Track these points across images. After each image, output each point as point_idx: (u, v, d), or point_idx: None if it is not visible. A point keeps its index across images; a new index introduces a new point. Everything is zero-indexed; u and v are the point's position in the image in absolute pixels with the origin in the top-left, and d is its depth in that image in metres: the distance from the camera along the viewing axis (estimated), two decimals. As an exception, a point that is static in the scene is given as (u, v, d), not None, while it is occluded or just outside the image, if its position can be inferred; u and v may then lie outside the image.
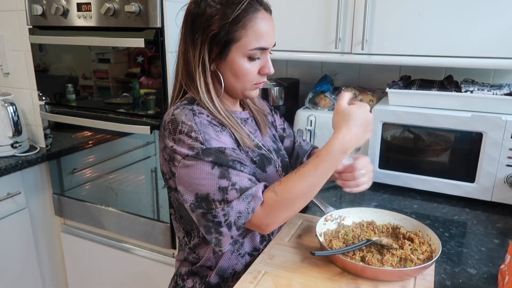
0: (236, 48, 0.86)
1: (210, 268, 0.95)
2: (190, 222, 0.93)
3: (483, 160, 1.27)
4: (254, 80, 0.91)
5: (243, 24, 0.85)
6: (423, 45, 1.30)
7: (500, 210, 1.27)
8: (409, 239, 0.95)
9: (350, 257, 0.89)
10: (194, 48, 0.88)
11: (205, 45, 0.86)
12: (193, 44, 0.88)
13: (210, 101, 0.89)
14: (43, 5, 1.60)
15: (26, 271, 1.88)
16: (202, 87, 0.88)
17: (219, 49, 0.86)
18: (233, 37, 0.85)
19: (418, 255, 0.89)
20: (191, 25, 0.88)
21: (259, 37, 0.86)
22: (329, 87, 1.65)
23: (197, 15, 0.87)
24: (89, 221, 1.85)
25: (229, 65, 0.88)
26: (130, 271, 1.82)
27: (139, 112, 1.56)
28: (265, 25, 0.87)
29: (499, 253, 1.02)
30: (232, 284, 0.90)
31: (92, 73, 1.64)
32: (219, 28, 0.84)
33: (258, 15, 0.86)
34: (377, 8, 1.33)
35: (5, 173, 1.71)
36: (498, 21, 1.19)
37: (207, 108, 0.89)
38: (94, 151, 1.77)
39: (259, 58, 0.89)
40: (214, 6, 0.85)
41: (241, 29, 0.85)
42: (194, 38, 0.87)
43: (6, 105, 1.76)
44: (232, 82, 0.90)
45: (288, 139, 1.18)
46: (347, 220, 1.05)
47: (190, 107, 0.87)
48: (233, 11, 0.84)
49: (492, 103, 1.27)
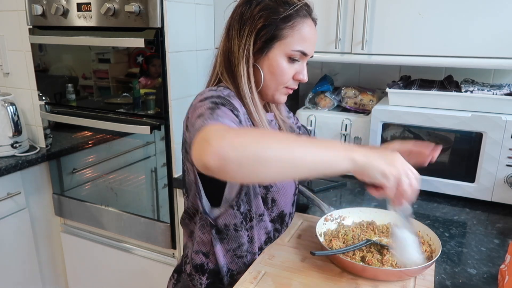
0: (279, 46, 0.89)
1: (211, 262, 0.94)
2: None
3: (483, 160, 1.27)
4: (287, 83, 0.93)
5: (292, 24, 0.88)
6: (423, 45, 1.30)
7: (500, 210, 1.27)
8: None
9: (350, 257, 0.89)
10: (240, 38, 0.89)
11: (251, 36, 0.88)
12: (240, 34, 0.89)
13: (249, 91, 0.90)
14: (43, 5, 1.60)
15: (26, 271, 1.88)
16: (244, 77, 0.90)
17: (262, 43, 0.89)
18: (280, 34, 0.88)
19: None
20: (241, 16, 0.90)
21: (303, 40, 0.89)
22: (329, 87, 1.65)
23: (249, 7, 0.89)
24: (89, 221, 1.84)
25: (268, 61, 0.90)
26: (130, 271, 1.82)
27: (139, 112, 1.56)
28: (311, 33, 0.91)
29: (499, 253, 1.02)
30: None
31: (92, 73, 1.64)
32: (268, 21, 0.87)
33: (307, 21, 0.90)
34: (377, 8, 1.33)
35: (5, 173, 1.71)
36: (498, 21, 1.19)
37: (244, 98, 0.90)
38: (94, 151, 1.77)
39: (298, 61, 0.92)
40: (266, 3, 0.88)
41: (289, 28, 0.88)
42: (241, 28, 0.89)
43: (6, 105, 1.76)
44: (268, 79, 0.92)
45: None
46: (347, 220, 1.05)
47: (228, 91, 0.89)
48: (285, 10, 0.87)
49: (492, 103, 1.27)
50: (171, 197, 1.60)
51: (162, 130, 1.52)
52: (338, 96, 1.62)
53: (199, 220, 0.95)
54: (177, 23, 1.46)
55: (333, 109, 1.61)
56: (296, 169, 0.66)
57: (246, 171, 0.62)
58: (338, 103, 1.62)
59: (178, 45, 1.49)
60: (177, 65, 1.49)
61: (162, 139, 1.54)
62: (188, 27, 1.53)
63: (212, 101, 0.80)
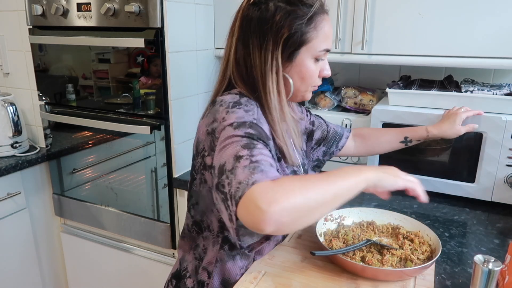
0: (306, 50, 0.86)
1: (210, 272, 0.90)
2: (204, 211, 0.89)
3: (483, 160, 1.27)
4: (315, 82, 0.92)
5: (315, 25, 0.85)
6: (423, 45, 1.30)
7: (500, 210, 1.27)
8: (409, 239, 0.95)
9: (350, 257, 0.89)
10: (264, 52, 0.84)
11: (278, 48, 0.84)
12: (261, 47, 0.84)
13: (278, 106, 0.86)
14: (43, 5, 1.60)
15: (26, 271, 1.88)
16: (274, 92, 0.85)
17: (290, 51, 0.85)
18: (306, 39, 0.85)
19: (418, 255, 0.89)
20: (259, 25, 0.84)
21: (326, 38, 0.88)
22: (329, 87, 1.65)
23: (264, 17, 0.84)
24: (89, 221, 1.84)
25: (297, 67, 0.87)
26: (130, 271, 1.82)
27: (139, 112, 1.56)
28: (330, 28, 0.89)
29: (499, 253, 1.02)
30: None
31: (92, 73, 1.64)
32: (294, 29, 0.83)
33: (325, 17, 0.87)
34: (377, 8, 1.33)
35: (5, 173, 1.70)
36: (498, 21, 1.19)
37: (270, 113, 0.85)
38: (94, 151, 1.77)
39: (323, 59, 0.90)
40: (283, 8, 0.83)
41: (313, 30, 0.85)
42: (262, 40, 0.84)
43: (6, 105, 1.76)
44: (298, 85, 0.90)
45: (319, 130, 1.17)
46: (347, 220, 1.05)
47: (253, 104, 0.84)
48: (304, 12, 0.84)
49: (492, 103, 1.27)
50: (171, 197, 1.60)
51: (162, 130, 1.52)
52: (338, 96, 1.62)
53: (212, 236, 0.90)
54: (177, 23, 1.46)
55: (333, 109, 1.61)
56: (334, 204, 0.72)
57: (299, 225, 0.69)
58: (338, 103, 1.62)
59: (178, 45, 1.48)
60: (177, 65, 1.49)
61: (162, 139, 1.54)
62: (188, 27, 1.53)
63: (247, 132, 0.75)
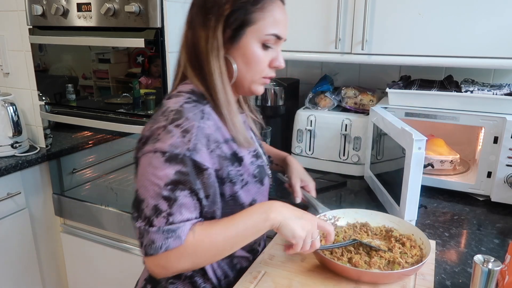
0: (251, 32, 0.81)
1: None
2: None
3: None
4: (264, 72, 0.86)
5: (262, 6, 0.80)
6: (423, 45, 1.30)
7: (500, 210, 1.27)
8: (400, 242, 0.94)
9: (338, 258, 0.89)
10: (206, 29, 0.81)
11: (219, 25, 0.80)
12: (205, 25, 0.81)
13: (221, 88, 0.82)
14: (43, 5, 1.60)
15: (26, 271, 1.88)
16: (215, 73, 0.81)
17: (232, 31, 0.80)
18: (250, 18, 0.80)
19: (407, 258, 0.88)
20: (203, 4, 0.82)
21: (276, 23, 0.82)
22: (329, 87, 1.65)
23: None
24: (89, 221, 1.84)
25: (241, 50, 0.82)
26: (130, 271, 1.81)
27: (139, 112, 1.56)
28: (282, 14, 0.84)
29: (499, 253, 1.02)
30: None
31: (92, 73, 1.64)
32: (236, 6, 0.79)
33: (276, 2, 0.83)
34: (377, 8, 1.33)
35: (5, 173, 1.71)
36: (498, 21, 1.19)
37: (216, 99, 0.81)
38: (94, 151, 1.77)
39: (272, 48, 0.84)
40: None
41: (259, 11, 0.80)
42: (206, 18, 0.81)
43: (6, 105, 1.76)
44: (243, 71, 0.84)
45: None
46: (341, 221, 1.05)
47: (201, 107, 0.80)
48: None
49: (492, 103, 1.27)
50: (171, 197, 1.60)
51: (162, 130, 1.52)
52: (338, 96, 1.62)
53: None
54: (177, 23, 1.46)
55: (333, 109, 1.61)
56: (241, 244, 0.79)
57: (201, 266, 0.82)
58: (338, 103, 1.62)
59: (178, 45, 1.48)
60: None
61: (162, 139, 1.54)
62: (188, 27, 1.53)
63: (177, 172, 0.73)
